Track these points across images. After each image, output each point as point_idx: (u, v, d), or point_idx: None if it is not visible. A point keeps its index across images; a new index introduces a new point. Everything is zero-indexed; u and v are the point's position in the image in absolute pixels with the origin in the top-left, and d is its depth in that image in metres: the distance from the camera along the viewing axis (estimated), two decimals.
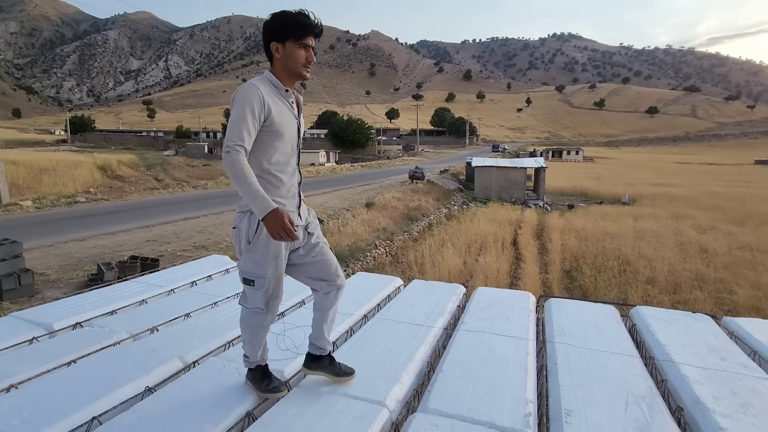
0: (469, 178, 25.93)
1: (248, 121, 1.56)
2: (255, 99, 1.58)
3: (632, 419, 1.59)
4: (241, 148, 1.54)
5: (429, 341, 2.28)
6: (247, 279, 1.69)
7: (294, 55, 1.66)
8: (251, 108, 1.57)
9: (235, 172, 1.51)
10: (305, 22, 1.64)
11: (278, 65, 1.68)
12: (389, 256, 11.06)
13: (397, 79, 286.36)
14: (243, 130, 1.55)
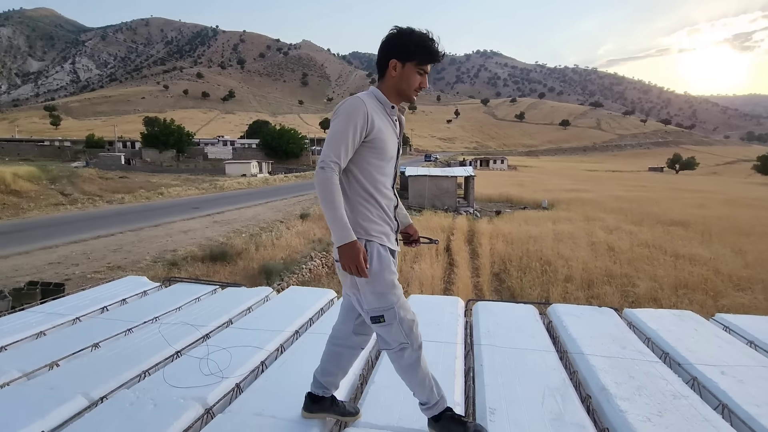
0: (403, 187, 26.52)
1: (349, 137, 1.48)
2: (360, 115, 1.50)
3: (548, 411, 1.71)
4: (337, 165, 1.46)
5: (362, 353, 2.27)
6: (375, 317, 1.53)
7: (410, 77, 1.58)
8: (354, 124, 1.48)
9: (326, 191, 1.44)
10: (432, 49, 1.56)
11: (390, 83, 1.59)
12: (326, 268, 10.92)
13: (330, 89, 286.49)
14: (342, 147, 1.47)
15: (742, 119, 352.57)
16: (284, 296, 3.28)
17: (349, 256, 1.42)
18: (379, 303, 1.51)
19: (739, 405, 1.74)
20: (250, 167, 42.92)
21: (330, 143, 1.48)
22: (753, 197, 29.42)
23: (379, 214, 1.57)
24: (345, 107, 1.51)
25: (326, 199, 1.43)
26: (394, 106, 1.60)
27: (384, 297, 1.50)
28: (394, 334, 1.53)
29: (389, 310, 1.51)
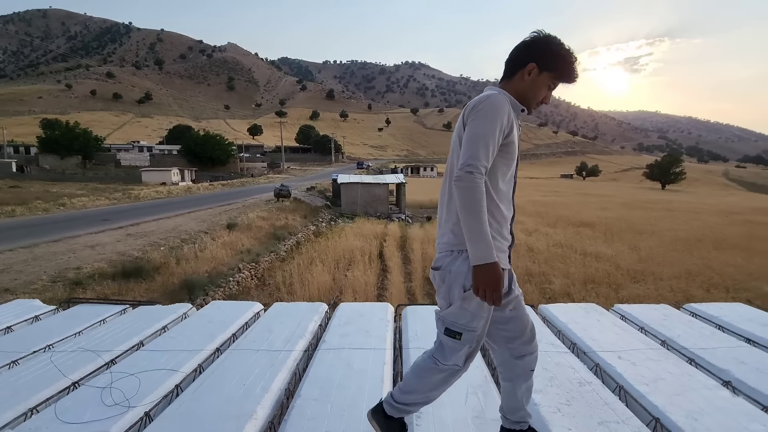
0: (335, 195, 26.40)
1: (495, 139, 1.36)
2: (504, 114, 1.38)
3: (471, 409, 1.78)
4: (485, 170, 1.33)
5: (288, 366, 2.19)
6: (454, 331, 1.43)
7: (540, 88, 1.48)
8: (501, 124, 1.36)
9: (473, 200, 1.30)
10: (574, 69, 1.48)
11: (517, 87, 1.48)
12: (255, 279, 10.46)
13: (258, 94, 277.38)
14: (489, 149, 1.34)
15: (633, 132, 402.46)
16: (205, 312, 3.07)
17: (488, 278, 1.30)
18: (465, 321, 1.42)
19: (632, 385, 1.95)
20: (171, 175, 40.00)
21: (475, 144, 1.34)
22: (644, 200, 33.64)
23: (498, 227, 1.45)
24: (488, 105, 1.38)
25: (472, 210, 1.30)
26: (524, 109, 1.49)
27: (474, 319, 1.41)
28: (459, 355, 1.46)
29: (470, 332, 1.43)
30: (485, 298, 1.32)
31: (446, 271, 1.45)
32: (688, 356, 2.31)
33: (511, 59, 1.51)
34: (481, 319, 1.42)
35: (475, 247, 1.30)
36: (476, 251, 1.30)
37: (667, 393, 1.87)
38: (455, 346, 1.44)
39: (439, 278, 1.49)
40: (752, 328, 2.64)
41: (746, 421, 1.66)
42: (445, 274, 1.46)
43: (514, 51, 1.50)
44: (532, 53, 1.46)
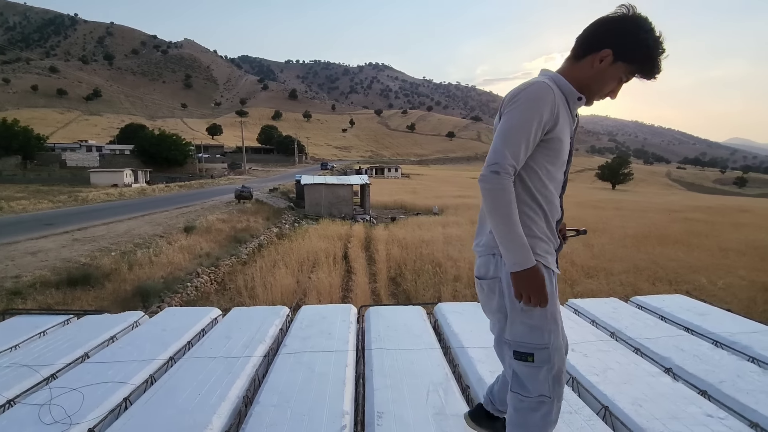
0: (299, 196, 26.01)
1: (531, 134, 1.19)
2: (547, 105, 1.20)
3: (431, 406, 1.80)
4: (513, 169, 1.20)
5: (247, 373, 2.13)
6: (523, 353, 1.27)
7: (610, 80, 1.27)
8: (539, 116, 1.19)
9: (500, 201, 1.17)
10: (658, 64, 1.23)
11: (582, 72, 1.27)
12: (215, 284, 10.11)
13: (217, 93, 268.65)
14: (522, 146, 1.19)
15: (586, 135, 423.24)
16: (158, 320, 2.93)
17: (529, 283, 1.18)
18: (532, 338, 1.26)
19: (584, 376, 2.04)
20: (123, 176, 37.96)
21: (505, 139, 1.19)
22: (597, 199, 35.43)
23: (545, 229, 1.31)
24: (528, 94, 1.20)
25: (500, 212, 1.17)
26: (581, 97, 1.27)
27: (540, 332, 1.25)
28: (540, 381, 1.27)
29: (542, 350, 1.25)
30: (529, 302, 1.21)
31: (495, 279, 1.30)
32: (635, 346, 2.45)
33: (583, 38, 1.27)
34: (551, 332, 1.26)
35: (509, 252, 1.19)
36: (512, 257, 1.19)
37: (616, 382, 1.98)
38: (531, 371, 1.27)
39: (488, 289, 1.34)
40: (690, 318, 2.83)
41: (684, 405, 1.78)
42: (494, 283, 1.31)
43: (590, 28, 1.26)
44: (611, 36, 1.23)
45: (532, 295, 1.19)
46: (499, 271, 1.29)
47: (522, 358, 1.27)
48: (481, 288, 1.38)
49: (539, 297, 1.20)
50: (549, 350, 1.26)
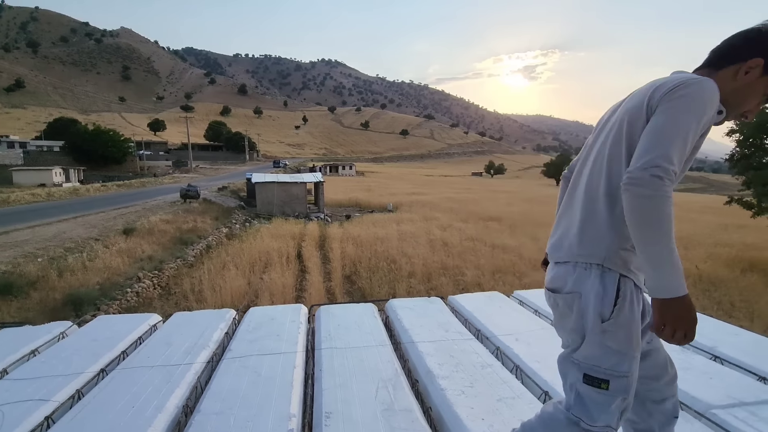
0: (250, 195, 25.20)
1: (692, 134, 1.01)
2: (713, 106, 1.04)
3: (380, 403, 1.79)
4: (675, 175, 0.99)
5: (188, 381, 2.02)
6: (597, 378, 1.09)
7: (755, 93, 1.11)
8: (704, 117, 1.02)
9: (661, 213, 0.97)
10: None
11: (724, 84, 1.09)
12: (158, 289, 9.55)
13: (160, 86, 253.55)
14: (686, 149, 1.01)
15: (533, 134, 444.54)
16: (88, 330, 2.71)
17: (681, 315, 0.98)
18: (610, 363, 1.09)
19: (527, 364, 2.13)
20: (52, 175, 34.90)
21: (669, 139, 1.00)
22: (544, 195, 37.34)
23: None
24: (698, 90, 1.03)
25: (658, 227, 0.97)
26: (722, 110, 1.11)
27: (621, 358, 1.09)
28: (610, 412, 1.11)
29: (621, 378, 1.09)
30: (671, 338, 1.01)
31: (574, 294, 1.14)
32: None
33: (725, 47, 1.15)
34: (633, 358, 1.10)
35: (662, 275, 0.99)
36: (664, 280, 0.99)
37: (555, 368, 2.07)
38: (603, 399, 1.10)
39: (563, 304, 1.18)
40: None
41: None
42: (573, 298, 1.14)
43: (734, 38, 1.13)
44: (762, 46, 1.08)
45: (682, 329, 1.00)
46: (581, 285, 1.13)
47: (594, 383, 1.11)
48: (555, 303, 1.22)
49: (690, 332, 1.00)
50: (628, 379, 1.10)
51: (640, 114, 1.10)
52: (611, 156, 1.16)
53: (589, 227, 1.16)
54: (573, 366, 1.17)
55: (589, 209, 1.18)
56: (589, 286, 1.12)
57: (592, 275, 1.12)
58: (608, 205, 1.13)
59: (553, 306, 1.24)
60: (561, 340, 1.29)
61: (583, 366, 1.13)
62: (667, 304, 0.99)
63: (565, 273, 1.19)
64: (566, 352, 1.22)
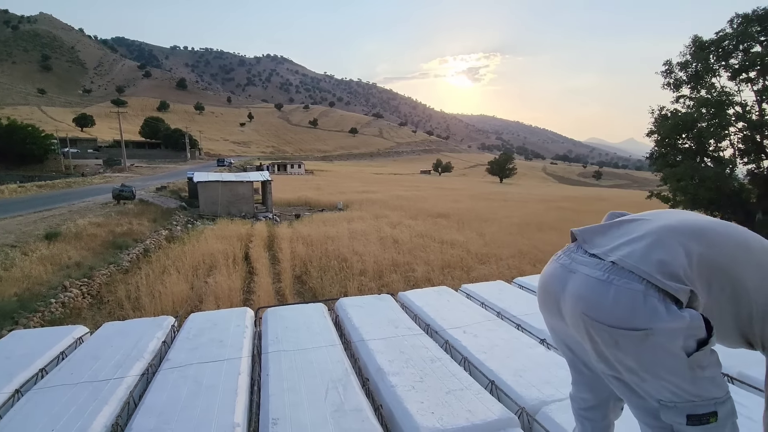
0: (192, 195, 23.94)
1: None
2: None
3: (330, 404, 1.75)
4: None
5: (119, 397, 1.86)
6: (704, 414, 0.92)
7: None
8: None
9: None
10: None
11: None
12: (88, 298, 8.79)
13: (86, 78, 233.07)
14: None
15: (477, 133, 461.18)
16: (0, 346, 2.41)
17: None
18: (709, 392, 0.94)
19: (474, 355, 2.18)
20: None
21: None
22: (488, 192, 38.90)
23: None
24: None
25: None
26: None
27: (716, 383, 0.95)
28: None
29: (726, 402, 0.96)
30: None
31: (648, 331, 0.90)
32: (517, 322, 2.70)
33: None
34: (723, 378, 1.00)
35: None
36: None
37: (500, 357, 2.15)
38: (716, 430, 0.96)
39: (631, 343, 0.93)
40: None
41: (555, 370, 2.00)
42: (646, 336, 0.90)
43: None
44: None
45: None
46: (655, 320, 0.90)
47: (703, 421, 0.95)
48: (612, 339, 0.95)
49: None
50: (730, 402, 0.97)
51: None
52: None
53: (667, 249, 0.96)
54: (666, 410, 0.97)
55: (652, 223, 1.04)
56: (668, 320, 0.90)
57: (665, 305, 0.91)
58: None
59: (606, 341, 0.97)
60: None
61: (687, 407, 0.95)
62: None
63: (633, 299, 0.93)
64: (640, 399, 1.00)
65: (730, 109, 11.98)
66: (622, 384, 1.01)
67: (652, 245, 0.97)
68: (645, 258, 0.95)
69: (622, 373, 0.99)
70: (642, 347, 0.91)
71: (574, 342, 1.13)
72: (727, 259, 0.96)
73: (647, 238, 0.99)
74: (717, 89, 12.05)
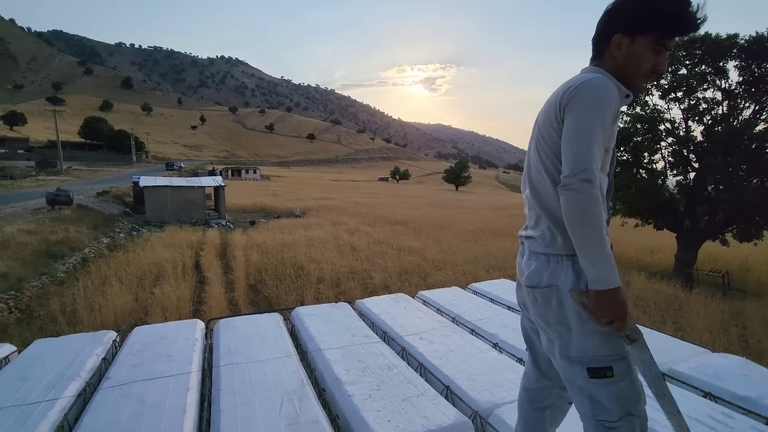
0: (138, 200, 22.58)
1: (601, 133, 1.10)
2: (612, 102, 1.11)
3: (285, 417, 1.72)
4: (596, 178, 1.07)
5: (51, 421, 1.71)
6: (600, 368, 1.13)
7: (641, 58, 1.16)
8: (608, 115, 1.10)
9: (594, 214, 1.06)
10: (683, 15, 1.11)
11: (610, 64, 1.19)
12: (16, 312, 8.02)
13: (18, 73, 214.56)
14: (598, 148, 1.09)
15: (434, 142, 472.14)
16: None
17: (611, 306, 1.07)
18: (608, 349, 1.13)
19: (429, 361, 2.22)
20: None
21: (581, 144, 1.07)
22: (444, 200, 39.81)
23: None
24: (592, 89, 1.10)
25: (592, 226, 1.05)
26: (629, 94, 1.19)
27: (616, 340, 1.12)
28: (624, 396, 1.12)
29: (621, 360, 1.13)
30: (612, 327, 1.10)
31: (552, 288, 1.18)
32: (471, 328, 2.78)
33: (595, 36, 1.24)
34: (620, 341, 1.15)
35: (598, 268, 1.07)
36: (598, 273, 1.07)
37: (455, 362, 2.20)
38: (611, 389, 1.13)
39: (542, 299, 1.21)
40: (512, 297, 3.35)
41: (506, 373, 2.08)
42: (551, 292, 1.19)
43: (598, 23, 1.23)
44: (613, 21, 1.18)
45: (614, 317, 1.09)
46: (557, 278, 1.18)
47: (599, 374, 1.14)
48: (534, 298, 1.24)
49: (621, 319, 1.09)
50: (628, 359, 1.15)
51: (552, 121, 1.19)
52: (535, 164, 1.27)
53: (550, 221, 1.21)
54: (574, 365, 1.17)
55: (542, 204, 1.24)
56: (564, 278, 1.17)
57: (564, 266, 1.17)
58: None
59: (532, 302, 1.25)
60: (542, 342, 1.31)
61: (585, 360, 1.15)
62: (603, 294, 1.08)
63: (540, 268, 1.22)
64: (560, 355, 1.20)
65: (661, 125, 13.08)
66: (558, 345, 1.22)
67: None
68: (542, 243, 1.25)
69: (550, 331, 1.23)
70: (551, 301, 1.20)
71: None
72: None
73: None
74: (650, 107, 13.12)
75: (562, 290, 1.17)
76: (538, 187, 1.26)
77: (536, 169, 1.27)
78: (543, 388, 1.39)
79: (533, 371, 1.41)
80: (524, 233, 1.34)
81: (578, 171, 1.07)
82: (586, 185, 1.06)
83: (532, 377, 1.42)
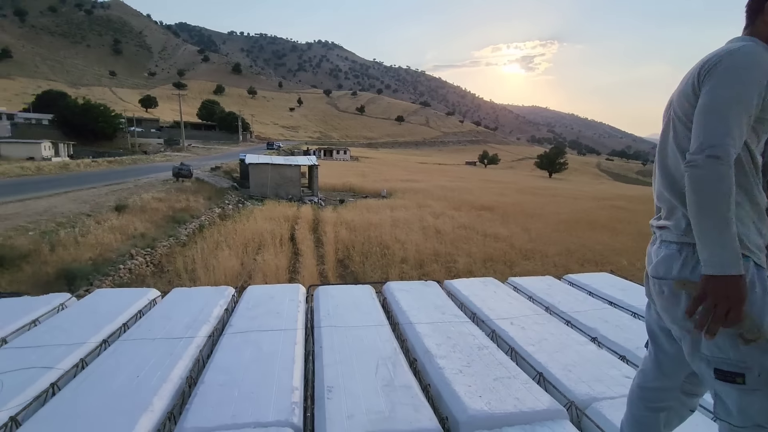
0: (243, 176, 24.99)
1: (751, 106, 0.98)
2: (761, 74, 0.99)
3: (380, 379, 1.85)
4: (735, 153, 0.97)
5: (190, 353, 2.05)
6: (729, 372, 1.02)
7: None
8: (758, 86, 0.98)
9: (718, 194, 0.95)
10: None
11: (763, 31, 1.09)
12: (151, 266, 9.54)
13: (152, 62, 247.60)
14: (743, 123, 0.98)
15: (528, 125, 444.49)
16: (87, 302, 2.72)
17: (729, 293, 0.95)
18: (740, 354, 1.00)
19: (521, 346, 2.19)
20: (41, 149, 34.20)
21: (715, 117, 0.98)
22: (535, 187, 37.55)
23: (755, 219, 1.08)
24: (737, 60, 1.01)
25: (714, 207, 0.96)
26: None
27: (752, 348, 1.00)
28: (755, 408, 1.01)
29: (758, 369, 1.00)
30: (721, 316, 0.96)
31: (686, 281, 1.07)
32: (566, 319, 2.66)
33: (748, 2, 1.14)
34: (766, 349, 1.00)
35: (717, 251, 0.96)
36: (716, 257, 0.96)
37: (549, 351, 2.14)
38: (740, 395, 1.02)
39: (668, 292, 1.11)
40: (614, 293, 3.12)
41: (607, 369, 1.98)
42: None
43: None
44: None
45: (729, 305, 0.95)
46: (687, 269, 1.07)
47: (728, 378, 1.02)
48: (660, 290, 1.13)
49: (736, 313, 0.96)
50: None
51: (689, 96, 1.09)
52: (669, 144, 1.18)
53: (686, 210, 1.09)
54: (701, 362, 1.07)
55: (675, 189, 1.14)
56: (694, 269, 1.05)
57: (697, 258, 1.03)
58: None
59: (658, 294, 1.15)
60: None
61: (713, 360, 1.04)
62: (719, 280, 0.96)
63: (671, 258, 1.11)
64: (691, 349, 1.09)
65: None
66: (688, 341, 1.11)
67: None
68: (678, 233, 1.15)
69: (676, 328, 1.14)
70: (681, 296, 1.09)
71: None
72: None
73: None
74: None
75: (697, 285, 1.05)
76: (674, 172, 1.15)
77: (671, 151, 1.17)
78: (661, 388, 1.27)
79: (653, 369, 1.29)
80: (656, 223, 1.23)
81: (706, 146, 0.97)
82: (713, 162, 0.95)
83: (650, 375, 1.30)
